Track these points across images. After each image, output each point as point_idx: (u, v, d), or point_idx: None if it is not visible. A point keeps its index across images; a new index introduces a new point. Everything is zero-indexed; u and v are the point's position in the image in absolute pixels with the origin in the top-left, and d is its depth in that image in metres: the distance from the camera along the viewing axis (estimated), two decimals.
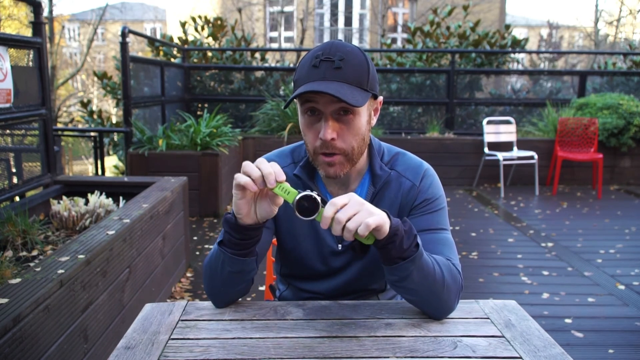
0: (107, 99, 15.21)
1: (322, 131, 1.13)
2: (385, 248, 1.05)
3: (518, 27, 25.57)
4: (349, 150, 1.17)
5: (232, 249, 1.12)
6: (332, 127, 1.13)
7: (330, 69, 1.11)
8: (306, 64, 1.14)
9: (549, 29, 21.81)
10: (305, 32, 12.83)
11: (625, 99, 6.45)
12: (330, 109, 1.13)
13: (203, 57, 7.47)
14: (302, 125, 1.20)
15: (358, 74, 1.13)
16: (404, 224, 1.07)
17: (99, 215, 2.68)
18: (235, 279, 1.16)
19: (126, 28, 4.58)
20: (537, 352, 1.03)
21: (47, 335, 1.57)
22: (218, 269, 1.16)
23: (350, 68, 1.12)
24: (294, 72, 1.20)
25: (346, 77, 1.11)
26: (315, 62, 1.12)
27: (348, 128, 1.15)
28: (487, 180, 6.53)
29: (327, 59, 1.11)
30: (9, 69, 2.58)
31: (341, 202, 1.00)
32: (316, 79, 1.11)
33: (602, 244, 4.20)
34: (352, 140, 1.16)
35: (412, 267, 1.07)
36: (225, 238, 1.12)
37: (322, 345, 1.04)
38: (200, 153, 4.81)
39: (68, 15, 25.27)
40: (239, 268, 1.14)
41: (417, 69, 7.21)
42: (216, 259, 1.16)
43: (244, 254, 1.13)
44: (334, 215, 0.99)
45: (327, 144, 1.14)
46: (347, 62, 1.12)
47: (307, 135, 1.19)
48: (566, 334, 2.68)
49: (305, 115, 1.17)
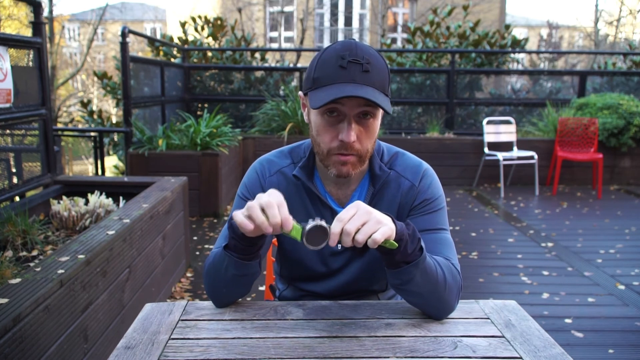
0: (107, 99, 15.22)
1: (345, 133, 1.12)
2: (389, 253, 1.05)
3: (518, 27, 25.58)
4: (363, 152, 1.17)
5: (238, 253, 1.12)
6: (355, 129, 1.13)
7: (359, 72, 1.09)
8: (330, 63, 1.11)
9: (549, 29, 21.81)
10: (305, 32, 12.83)
11: (625, 99, 6.44)
12: (355, 112, 1.12)
13: (203, 57, 7.47)
14: (317, 125, 1.17)
15: (382, 78, 1.12)
16: (407, 228, 1.06)
17: (99, 215, 2.68)
18: (239, 282, 1.16)
19: (126, 28, 4.58)
20: (537, 352, 1.03)
21: (47, 335, 1.57)
22: (222, 271, 1.15)
23: (376, 72, 1.11)
24: (311, 68, 1.16)
25: (373, 81, 1.10)
26: (342, 62, 1.10)
27: (367, 131, 1.15)
28: (487, 180, 6.53)
29: (354, 61, 1.09)
30: (9, 69, 2.58)
31: (348, 216, 0.99)
32: (345, 80, 1.09)
33: (602, 244, 4.19)
34: (368, 142, 1.17)
35: (415, 271, 1.07)
36: (231, 243, 1.12)
37: (322, 345, 1.04)
38: (200, 153, 4.80)
39: (68, 15, 25.27)
40: (243, 271, 1.14)
41: (417, 69, 7.21)
42: (220, 262, 1.15)
43: (250, 258, 1.13)
44: (342, 229, 0.98)
45: (346, 146, 1.13)
46: (373, 65, 1.10)
47: (322, 136, 1.16)
48: (566, 334, 2.68)
49: (324, 115, 1.15)
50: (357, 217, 0.99)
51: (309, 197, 1.27)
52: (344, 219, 0.99)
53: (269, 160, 1.32)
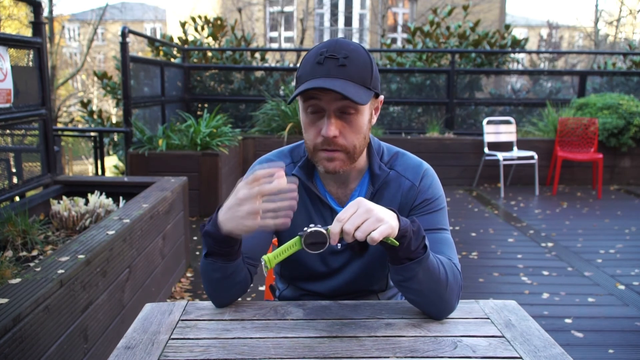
0: (107, 99, 15.20)
1: (325, 128, 1.13)
2: (392, 248, 1.05)
3: (518, 27, 25.56)
4: (350, 148, 1.17)
5: (218, 257, 1.13)
6: (334, 124, 1.13)
7: (334, 66, 1.10)
8: (310, 61, 1.13)
9: (549, 29, 21.79)
10: (305, 32, 12.82)
11: (625, 99, 6.44)
12: (333, 107, 1.13)
13: (203, 57, 7.47)
14: (303, 123, 1.19)
15: (362, 72, 1.12)
16: (412, 225, 1.06)
17: (99, 215, 2.68)
18: (229, 283, 1.18)
19: (126, 28, 4.58)
20: (537, 352, 1.03)
21: (47, 335, 1.57)
22: (211, 277, 1.17)
23: (354, 66, 1.11)
24: (297, 69, 1.19)
25: (350, 74, 1.11)
26: (320, 59, 1.11)
27: (350, 126, 1.15)
28: (487, 180, 6.53)
29: (331, 56, 1.11)
30: (9, 69, 2.58)
31: (347, 215, 1.00)
32: (320, 75, 1.10)
33: (602, 244, 4.19)
34: (354, 138, 1.16)
35: (418, 268, 1.07)
36: (210, 250, 1.13)
37: (322, 345, 1.04)
38: (200, 153, 4.80)
39: (68, 15, 25.26)
40: (229, 272, 1.15)
41: (417, 69, 7.21)
42: (205, 269, 1.17)
43: (232, 259, 1.14)
44: (341, 229, 0.99)
45: (328, 141, 1.14)
46: (351, 60, 1.11)
47: (308, 132, 1.18)
48: (566, 334, 2.68)
49: (306, 112, 1.17)
50: (356, 216, 0.99)
51: (308, 197, 1.28)
52: (342, 219, 1.00)
53: (269, 160, 1.33)
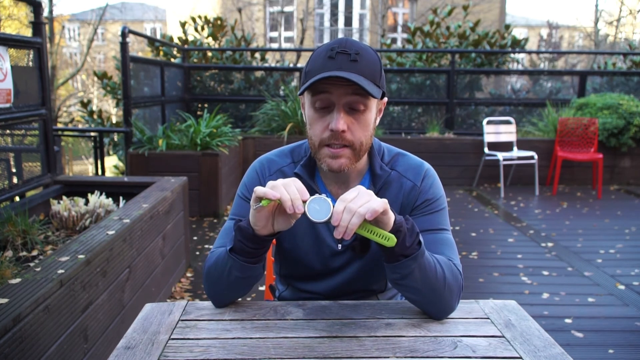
0: (107, 99, 15.21)
1: (334, 122, 1.13)
2: (389, 247, 1.05)
3: (518, 27, 25.58)
4: (357, 144, 1.16)
5: (243, 256, 1.12)
6: (344, 118, 1.13)
7: (346, 61, 1.11)
8: (321, 55, 1.13)
9: (549, 29, 21.79)
10: (305, 32, 12.83)
11: (625, 99, 6.44)
12: (343, 101, 1.13)
13: (203, 57, 7.47)
14: (309, 118, 1.19)
15: (372, 69, 1.13)
16: (406, 222, 1.07)
17: (99, 215, 2.68)
18: (242, 284, 1.17)
19: (126, 28, 4.58)
20: (537, 352, 1.03)
21: (47, 335, 1.57)
22: (224, 274, 1.15)
23: (365, 62, 1.12)
24: (305, 65, 1.19)
25: (362, 70, 1.11)
26: (331, 53, 1.11)
27: (358, 122, 1.15)
28: (487, 180, 6.53)
29: (343, 52, 1.11)
30: (9, 69, 2.58)
31: (351, 197, 1.01)
32: (333, 68, 1.10)
33: (602, 244, 4.19)
34: (361, 134, 1.16)
35: (413, 264, 1.07)
36: (237, 246, 1.12)
37: (322, 345, 1.04)
38: (200, 153, 4.80)
39: (68, 15, 25.25)
40: (248, 274, 1.15)
41: (417, 69, 7.21)
42: (223, 265, 1.15)
43: (255, 261, 1.13)
44: (344, 207, 1.00)
45: (336, 135, 1.14)
46: (362, 56, 1.12)
47: (314, 128, 1.17)
48: (566, 334, 2.68)
49: (314, 107, 1.16)
50: (358, 197, 1.01)
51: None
52: (346, 199, 1.01)
53: (269, 159, 1.32)
